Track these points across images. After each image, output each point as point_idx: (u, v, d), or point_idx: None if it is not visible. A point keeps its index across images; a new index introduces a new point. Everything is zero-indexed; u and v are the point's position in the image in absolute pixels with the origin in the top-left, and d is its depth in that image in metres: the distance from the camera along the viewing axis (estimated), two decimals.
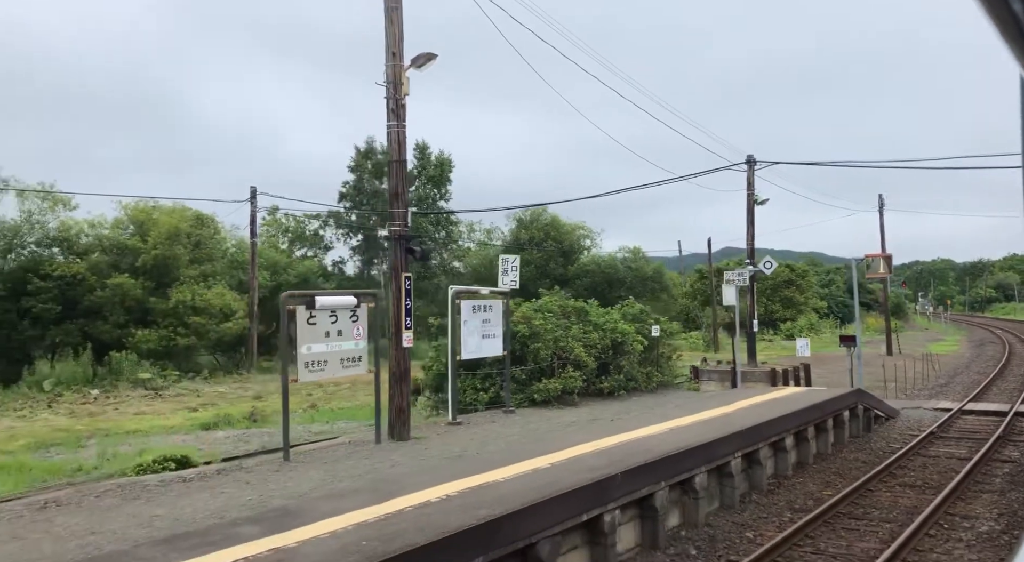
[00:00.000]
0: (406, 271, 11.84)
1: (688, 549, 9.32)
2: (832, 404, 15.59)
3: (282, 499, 7.86)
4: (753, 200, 23.28)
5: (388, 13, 11.12)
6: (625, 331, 16.01)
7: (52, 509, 7.93)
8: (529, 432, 12.01)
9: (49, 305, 31.54)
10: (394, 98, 11.20)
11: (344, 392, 27.68)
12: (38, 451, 16.45)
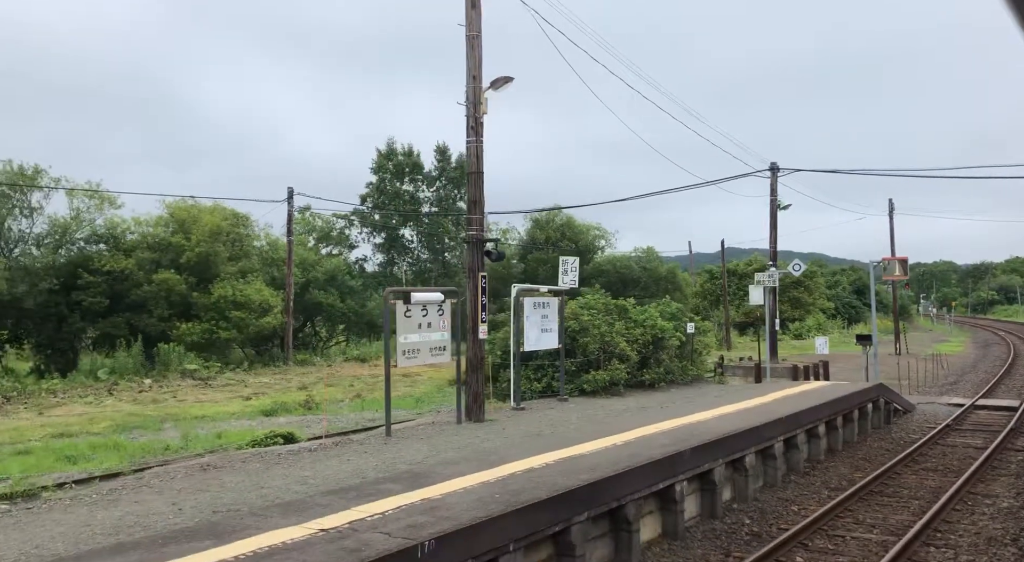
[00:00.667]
0: (482, 271, 13.00)
1: (743, 519, 10.47)
2: (857, 397, 16.71)
3: (405, 465, 9.03)
4: (776, 205, 24.36)
5: (469, 41, 12.30)
6: (664, 328, 17.16)
7: (212, 471, 9.13)
8: (588, 417, 13.17)
9: (98, 299, 32.80)
10: (473, 116, 12.36)
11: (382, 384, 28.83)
12: (122, 433, 17.65)
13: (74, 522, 7.00)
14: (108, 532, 6.55)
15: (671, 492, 9.46)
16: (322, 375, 32.17)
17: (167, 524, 6.69)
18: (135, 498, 7.90)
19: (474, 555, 6.48)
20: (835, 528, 10.03)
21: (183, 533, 6.29)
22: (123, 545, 6.00)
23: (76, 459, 14.57)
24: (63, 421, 19.73)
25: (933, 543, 9.35)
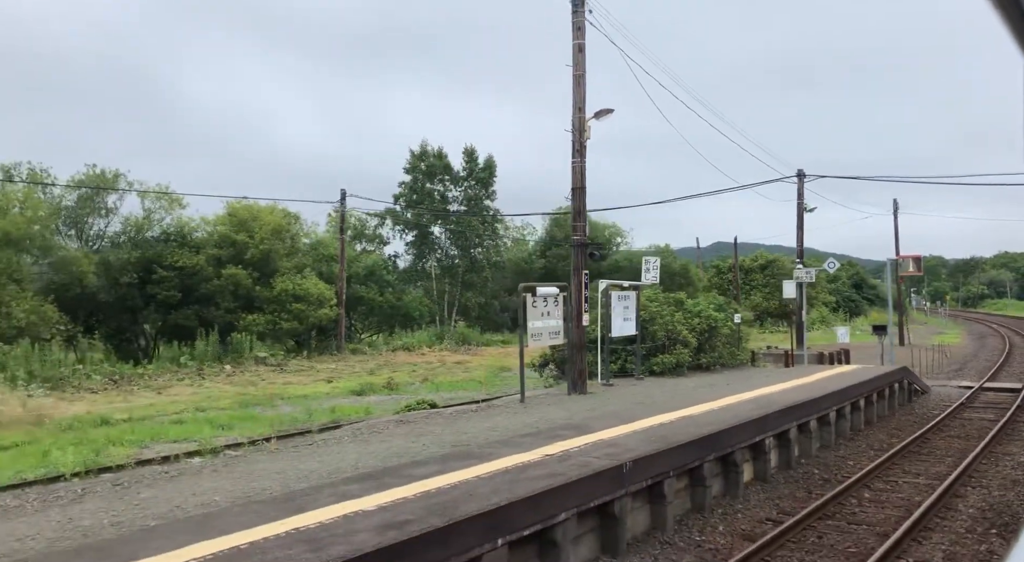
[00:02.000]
0: (585, 269, 15.24)
1: (812, 469, 12.77)
2: (886, 378, 19.01)
3: (561, 420, 11.32)
4: (803, 209, 26.62)
5: (576, 80, 14.54)
6: (717, 318, 19.45)
7: (408, 425, 11.41)
8: (669, 391, 15.46)
9: (171, 292, 35.03)
10: (578, 140, 14.60)
11: (440, 370, 31.11)
12: (246, 408, 19.91)
13: (352, 452, 9.28)
14: (391, 454, 8.83)
15: (762, 445, 11.76)
16: (379, 362, 34.47)
17: (427, 453, 8.98)
18: (375, 441, 10.19)
19: (651, 476, 8.78)
20: (888, 476, 12.33)
21: (450, 456, 8.57)
22: (417, 463, 8.29)
23: (229, 427, 16.84)
24: (184, 399, 22.00)
25: (969, 484, 11.65)
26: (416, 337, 44.75)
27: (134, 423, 17.37)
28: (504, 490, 7.13)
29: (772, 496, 11.09)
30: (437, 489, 7.18)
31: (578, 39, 14.47)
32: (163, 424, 17.43)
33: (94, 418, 17.66)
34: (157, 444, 14.79)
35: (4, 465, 12.90)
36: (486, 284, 57.84)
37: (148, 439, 15.24)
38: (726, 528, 9.47)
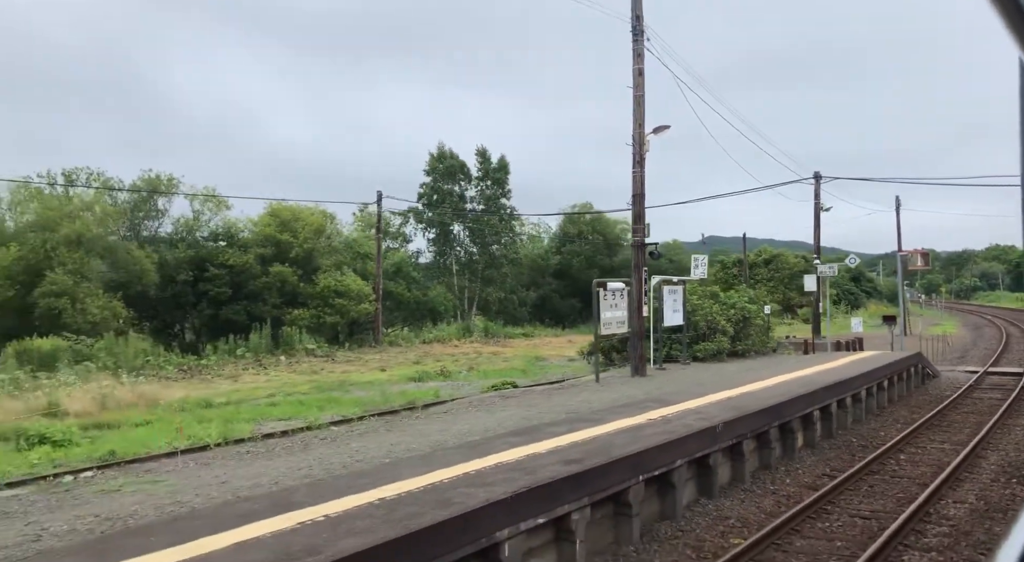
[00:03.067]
0: (644, 266, 17.01)
1: (850, 439, 14.56)
2: (904, 362, 20.81)
3: (641, 396, 13.10)
4: (819, 208, 28.41)
5: (636, 100, 16.30)
6: (751, 309, 21.25)
7: (511, 399, 13.19)
8: (716, 373, 17.25)
9: (223, 289, 36.81)
10: (638, 152, 16.35)
11: (479, 360, 32.89)
12: (323, 393, 21.68)
13: (484, 419, 11.06)
14: (520, 419, 10.61)
15: (811, 416, 13.55)
16: (418, 353, 36.23)
17: (549, 418, 10.76)
18: (495, 411, 11.97)
19: (735, 436, 10.58)
20: (917, 443, 14.13)
21: (570, 420, 10.35)
22: (548, 424, 10.07)
23: (320, 407, 18.61)
24: (260, 386, 23.78)
25: (988, 448, 13.45)
26: (445, 330, 46.51)
27: (233, 405, 19.14)
28: (633, 442, 8.92)
29: (822, 459, 12.88)
30: (581, 440, 8.97)
31: (638, 64, 16.21)
32: (260, 406, 19.22)
33: (197, 401, 19.44)
34: (268, 422, 16.55)
35: (151, 437, 14.66)
36: (505, 280, 59.55)
37: (258, 418, 17.01)
38: (792, 481, 11.26)
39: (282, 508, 6.25)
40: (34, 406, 17.47)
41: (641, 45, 16.15)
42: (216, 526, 5.78)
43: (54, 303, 29.10)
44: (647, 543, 8.38)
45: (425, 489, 6.84)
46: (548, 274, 65.30)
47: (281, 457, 9.32)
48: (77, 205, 32.93)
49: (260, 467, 8.67)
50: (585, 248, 65.97)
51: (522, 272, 63.43)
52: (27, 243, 30.43)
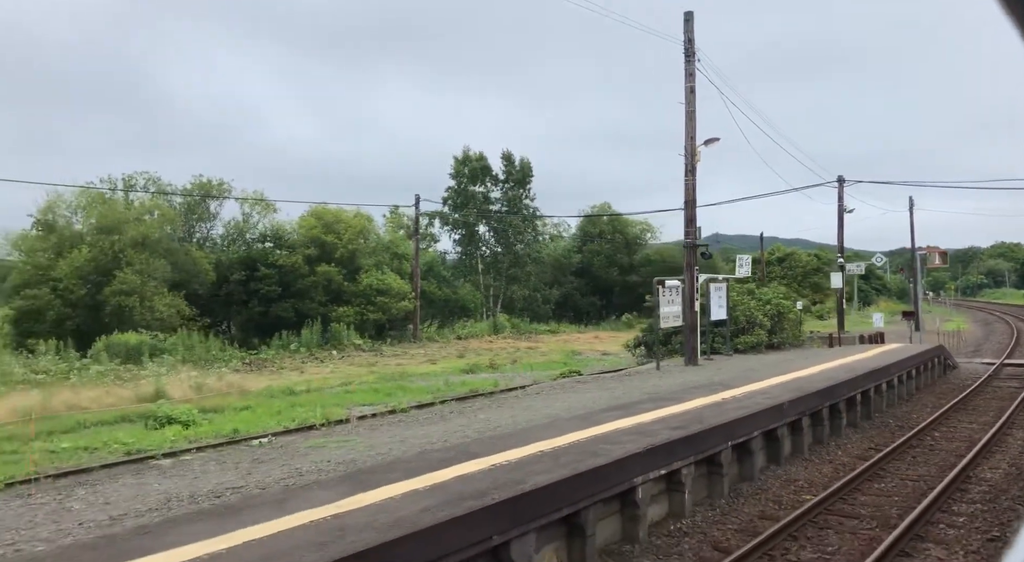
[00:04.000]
0: (696, 265, 18.50)
1: (887, 420, 16.03)
2: (927, 354, 22.24)
3: (703, 381, 14.61)
4: (843, 210, 29.82)
5: (688, 115, 17.80)
6: (785, 305, 22.72)
7: (585, 385, 14.72)
8: (760, 363, 18.73)
9: (273, 287, 38.49)
10: (690, 163, 17.85)
11: (520, 354, 34.43)
12: (389, 382, 23.26)
13: (574, 399, 12.60)
14: (607, 399, 12.15)
15: (854, 399, 15.04)
16: (458, 348, 37.80)
17: (632, 398, 12.29)
18: (579, 393, 13.51)
19: (797, 412, 12.09)
20: (948, 423, 15.60)
21: (653, 400, 11.89)
22: (635, 402, 11.61)
23: (393, 394, 20.18)
24: (328, 377, 25.38)
25: (1013, 427, 14.91)
26: (476, 327, 48.06)
27: (315, 393, 20.76)
28: (718, 416, 10.44)
29: (865, 436, 14.37)
30: (674, 413, 10.51)
31: (690, 82, 17.72)
32: (338, 393, 20.83)
33: (281, 389, 21.07)
34: (356, 406, 18.12)
35: (258, 419, 16.25)
36: (530, 278, 61.05)
37: (344, 403, 18.59)
38: (843, 453, 12.76)
39: (469, 456, 7.82)
40: (142, 393, 19.12)
41: (692, 66, 17.64)
42: (428, 467, 7.35)
43: (124, 301, 30.80)
44: (734, 498, 9.90)
45: (570, 445, 8.40)
46: (570, 273, 66.73)
47: (428, 425, 10.88)
48: (139, 209, 34.64)
49: (420, 431, 10.23)
50: (605, 247, 67.42)
51: (545, 271, 64.88)
52: (97, 245, 32.13)
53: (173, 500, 6.69)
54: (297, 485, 7.02)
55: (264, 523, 5.62)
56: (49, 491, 7.27)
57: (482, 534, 6.04)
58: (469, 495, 6.37)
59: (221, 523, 5.66)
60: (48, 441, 14.21)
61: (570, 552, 7.25)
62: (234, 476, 7.66)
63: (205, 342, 29.52)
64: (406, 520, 5.65)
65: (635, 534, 8.02)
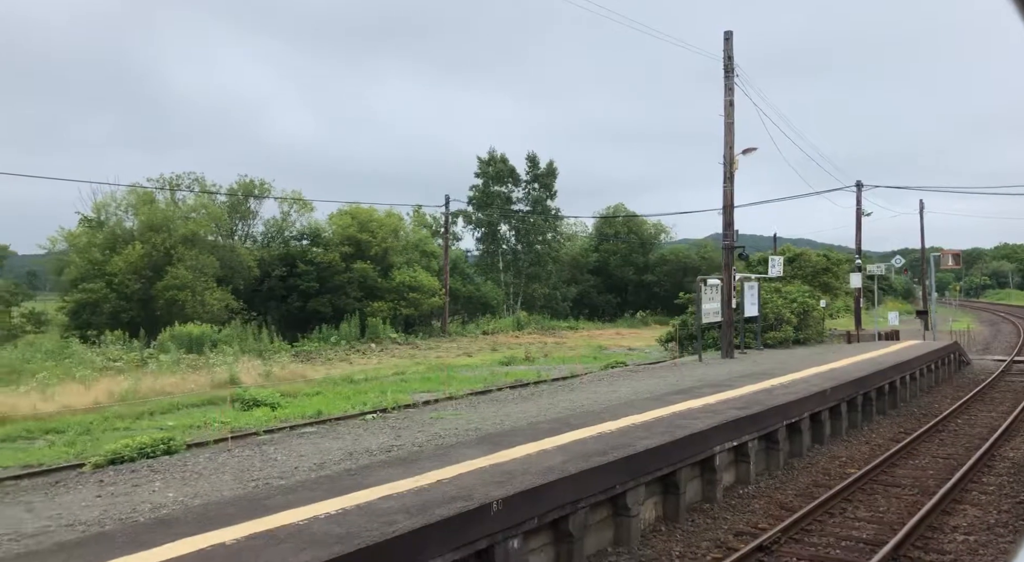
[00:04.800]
0: (733, 266, 19.72)
1: (912, 409, 17.25)
2: (944, 351, 23.41)
3: (746, 371, 15.83)
4: (860, 214, 30.98)
5: (727, 127, 19.01)
6: (810, 304, 23.93)
7: (640, 373, 15.97)
8: (791, 356, 19.94)
9: (311, 283, 39.85)
10: (728, 170, 19.07)
11: (549, 348, 35.67)
12: (437, 372, 24.54)
13: (634, 385, 13.86)
14: (662, 386, 13.41)
15: (883, 389, 16.27)
16: (488, 342, 39.06)
17: (687, 385, 13.54)
18: (633, 381, 14.77)
19: (836, 399, 13.33)
20: (968, 412, 16.80)
21: (708, 386, 13.14)
22: (693, 388, 12.86)
23: (446, 383, 21.42)
24: (376, 367, 26.68)
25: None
26: (501, 322, 49.33)
27: (373, 381, 22.06)
28: (770, 400, 11.69)
29: (894, 422, 15.59)
30: (732, 397, 11.76)
31: (729, 96, 18.93)
32: (393, 382, 22.12)
33: (341, 378, 22.38)
34: (415, 394, 19.39)
35: (332, 402, 17.54)
36: (550, 276, 62.31)
37: (404, 390, 19.87)
38: (877, 436, 13.99)
39: (573, 427, 9.10)
40: (217, 380, 20.46)
41: (731, 81, 18.86)
42: (545, 434, 8.63)
43: (177, 295, 32.17)
44: (787, 470, 11.15)
45: (655, 420, 9.67)
46: (587, 271, 67.91)
47: (522, 403, 12.15)
48: (185, 208, 36.05)
49: (517, 408, 11.49)
50: (622, 246, 68.61)
51: (563, 269, 66.08)
52: (149, 242, 33.52)
53: (354, 454, 7.96)
54: (445, 444, 8.29)
55: (439, 469, 6.91)
56: (243, 449, 8.54)
57: (609, 483, 7.33)
58: (591, 453, 7.64)
59: (407, 469, 6.95)
60: (152, 421, 15.55)
61: (665, 505, 8.53)
62: (387, 438, 8.93)
63: (258, 334, 30.87)
64: (554, 469, 6.94)
65: (713, 495, 9.29)
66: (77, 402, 16.64)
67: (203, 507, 5.79)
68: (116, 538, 5.10)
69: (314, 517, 5.44)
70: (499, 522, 5.91)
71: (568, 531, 6.77)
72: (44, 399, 16.48)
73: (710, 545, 7.81)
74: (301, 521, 5.35)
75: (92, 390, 17.81)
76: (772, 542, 7.71)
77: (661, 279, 65.99)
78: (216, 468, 7.54)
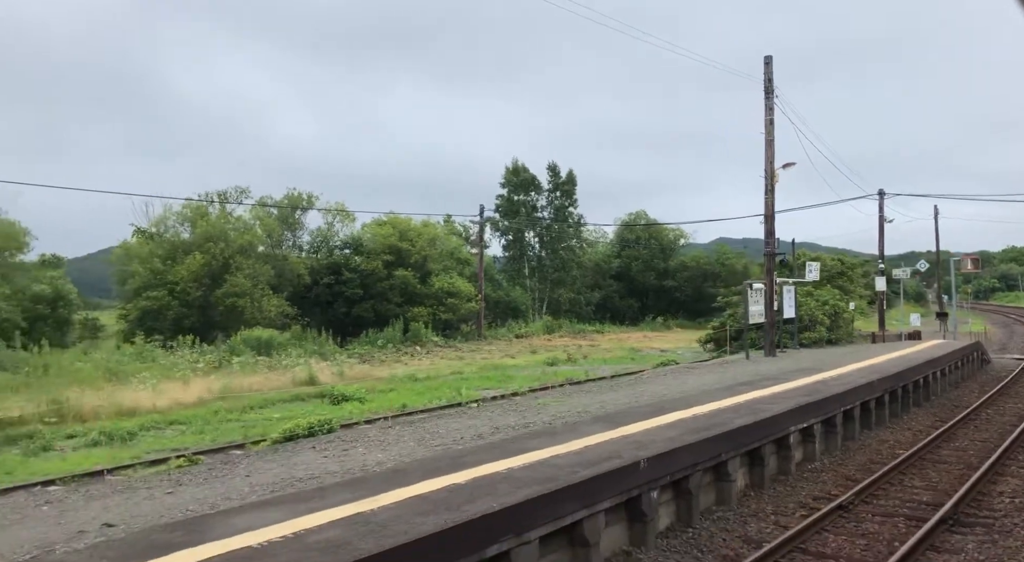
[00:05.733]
0: (775, 271, 21.07)
1: (944, 401, 18.51)
2: (967, 349, 24.64)
3: (794, 366, 17.16)
4: (883, 221, 32.22)
5: (768, 144, 20.40)
6: (841, 306, 25.20)
7: (697, 370, 17.34)
8: (827, 355, 21.24)
9: (356, 290, 41.44)
10: (769, 183, 20.44)
11: (584, 350, 37.02)
12: (491, 371, 25.95)
13: (703, 378, 15.24)
14: (726, 378, 14.78)
15: (918, 383, 17.57)
16: (525, 345, 40.46)
17: (746, 378, 14.90)
18: (696, 376, 16.14)
19: (882, 390, 14.66)
20: (995, 404, 18.05)
21: (766, 379, 14.49)
22: (752, 381, 14.23)
23: (506, 380, 22.83)
24: (431, 367, 28.14)
25: None
26: (532, 326, 50.73)
27: (438, 379, 23.51)
28: (826, 390, 13.05)
29: (929, 413, 16.88)
30: (791, 388, 13.12)
31: (769, 115, 20.33)
32: (453, 380, 23.55)
33: (405, 376, 23.84)
34: (480, 390, 20.82)
35: (411, 397, 18.97)
36: (575, 281, 63.71)
37: (469, 387, 21.29)
38: (916, 423, 15.29)
39: (665, 411, 10.51)
40: (297, 378, 21.99)
41: (772, 101, 20.26)
42: (648, 414, 10.04)
43: (237, 302, 33.82)
44: (844, 451, 12.49)
45: (735, 405, 11.06)
46: (609, 276, 69.21)
47: (609, 393, 13.59)
48: (239, 221, 37.75)
49: (604, 398, 12.91)
50: (643, 252, 69.90)
51: (586, 274, 67.43)
52: (208, 252, 35.20)
53: (499, 429, 9.40)
54: (569, 422, 9.73)
55: (578, 440, 8.34)
56: (398, 427, 10.00)
57: (715, 452, 8.74)
58: (697, 429, 9.05)
59: (552, 439, 8.38)
60: (258, 413, 17.06)
61: (752, 475, 9.92)
62: (515, 419, 10.37)
63: (319, 338, 32.43)
64: (674, 440, 8.35)
65: (788, 468, 10.67)
66: (183, 398, 18.19)
67: (418, 463, 7.24)
68: (409, 474, 6.58)
69: (509, 468, 6.88)
70: (644, 476, 7.34)
71: (688, 489, 8.19)
72: (154, 396, 18.02)
73: (795, 506, 9.19)
74: (501, 471, 6.79)
75: (191, 388, 19.35)
76: (848, 503, 9.08)
77: (681, 284, 67.29)
78: (394, 439, 9.00)
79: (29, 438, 13.74)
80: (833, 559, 7.38)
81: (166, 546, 4.85)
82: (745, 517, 8.65)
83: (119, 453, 12.72)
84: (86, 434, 14.38)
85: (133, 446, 13.39)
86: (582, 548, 6.47)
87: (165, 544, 4.91)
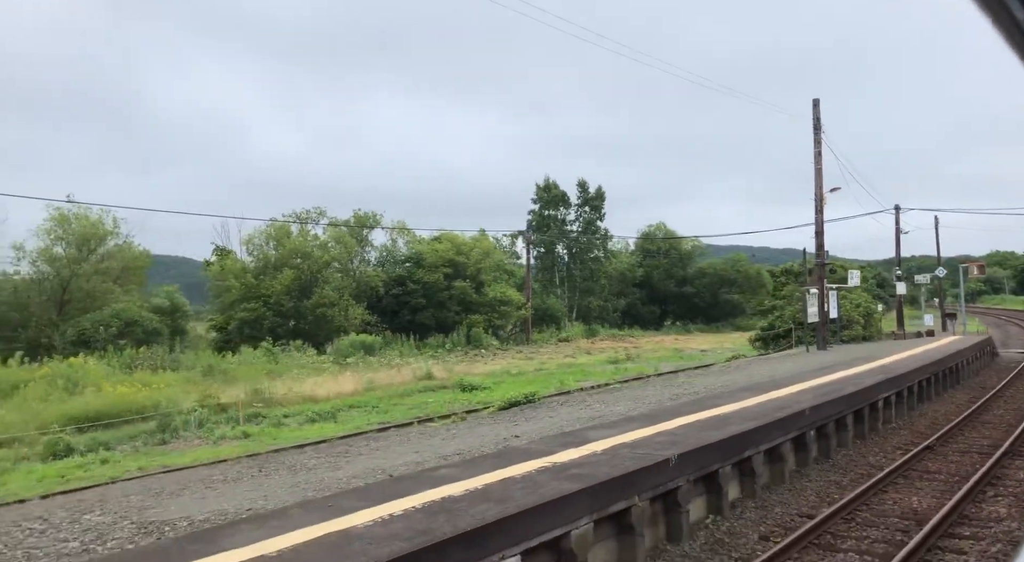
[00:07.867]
0: (825, 279, 24.18)
1: (970, 385, 21.62)
2: (982, 343, 27.78)
3: (848, 359, 20.29)
4: (899, 233, 35.43)
5: (817, 172, 23.61)
6: (872, 308, 28.37)
7: (772, 361, 20.47)
8: (869, 349, 24.36)
9: (419, 299, 44.60)
10: (819, 205, 23.63)
11: (632, 352, 40.08)
12: (567, 369, 29.01)
13: (773, 369, 18.38)
14: (792, 368, 17.91)
15: (951, 368, 20.70)
16: (574, 347, 43.55)
17: (810, 369, 18.03)
18: (767, 366, 19.27)
19: (930, 372, 17.81)
20: (1015, 386, 21.18)
21: (828, 368, 17.63)
22: (815, 370, 17.38)
23: (587, 374, 25.90)
24: (512, 365, 31.20)
25: None
26: (572, 331, 53.82)
27: (520, 375, 26.58)
28: (889, 372, 16.19)
29: (961, 392, 20.00)
30: (863, 371, 16.28)
31: (817, 148, 23.57)
32: (540, 375, 26.60)
33: (502, 372, 26.94)
34: (581, 382, 23.86)
35: (525, 387, 22.04)
36: (603, 290, 66.94)
37: (559, 381, 24.36)
38: (956, 400, 18.42)
39: (777, 386, 13.67)
40: (417, 374, 25.10)
41: (819, 135, 23.50)
42: (765, 390, 13.20)
43: (327, 311, 36.99)
44: (910, 417, 15.63)
45: (833, 380, 14.21)
46: (632, 284, 72.33)
47: (705, 378, 16.73)
48: (325, 238, 41.01)
49: (711, 381, 16.06)
50: (664, 261, 73.09)
51: (612, 283, 70.58)
52: (297, 267, 38.42)
53: (679, 396, 12.55)
54: (726, 392, 12.89)
55: (675, 420, 11.46)
56: (570, 404, 13.16)
57: (840, 410, 11.90)
58: (821, 394, 12.20)
59: (651, 421, 11.53)
60: (411, 399, 20.17)
61: (856, 428, 13.06)
62: (668, 392, 13.55)
63: (408, 341, 35.57)
64: (817, 397, 11.51)
65: (876, 427, 13.80)
66: (342, 390, 21.31)
67: (673, 407, 10.42)
68: (678, 409, 9.74)
69: (733, 410, 10.03)
70: (807, 421, 10.50)
71: (827, 433, 11.33)
72: (316, 387, 21.15)
73: (892, 448, 12.34)
74: (729, 412, 9.94)
75: (339, 382, 22.48)
76: (932, 444, 12.24)
77: (700, 291, 70.50)
78: (614, 399, 12.17)
79: (259, 417, 16.86)
80: (937, 472, 10.54)
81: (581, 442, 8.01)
82: (864, 454, 11.80)
83: (340, 427, 15.81)
84: (295, 415, 17.49)
85: (345, 422, 16.49)
86: (801, 453, 9.66)
87: (569, 443, 8.07)
